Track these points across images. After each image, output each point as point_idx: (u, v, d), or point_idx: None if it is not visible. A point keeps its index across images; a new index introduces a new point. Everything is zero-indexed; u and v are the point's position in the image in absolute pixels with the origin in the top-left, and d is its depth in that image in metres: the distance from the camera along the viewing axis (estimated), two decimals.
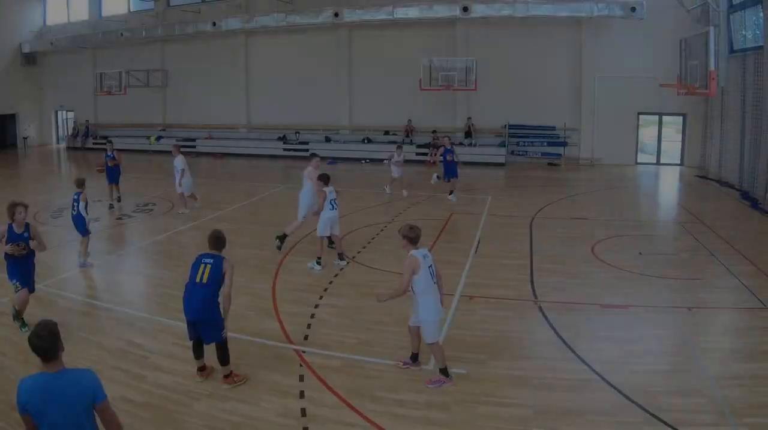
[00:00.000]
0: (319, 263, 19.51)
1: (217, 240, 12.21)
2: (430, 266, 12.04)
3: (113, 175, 29.68)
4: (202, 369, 12.19)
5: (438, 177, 31.10)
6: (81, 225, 19.87)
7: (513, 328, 14.86)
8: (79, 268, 19.81)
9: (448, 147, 30.52)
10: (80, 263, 19.92)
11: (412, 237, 11.96)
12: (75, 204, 19.88)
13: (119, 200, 28.39)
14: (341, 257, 20.18)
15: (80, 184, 20.13)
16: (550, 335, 14.35)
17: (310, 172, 21.47)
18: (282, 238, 21.22)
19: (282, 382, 12.06)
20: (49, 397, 6.70)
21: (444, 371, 12.10)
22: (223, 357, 11.84)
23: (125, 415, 10.34)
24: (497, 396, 11.55)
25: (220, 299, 11.78)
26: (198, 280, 11.70)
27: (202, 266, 11.79)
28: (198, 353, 12.17)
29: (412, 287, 11.91)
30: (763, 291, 17.09)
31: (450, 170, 30.47)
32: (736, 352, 13.51)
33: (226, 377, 11.90)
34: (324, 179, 19.67)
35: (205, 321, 11.74)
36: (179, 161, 26.80)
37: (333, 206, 19.59)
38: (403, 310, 15.11)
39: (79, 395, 6.84)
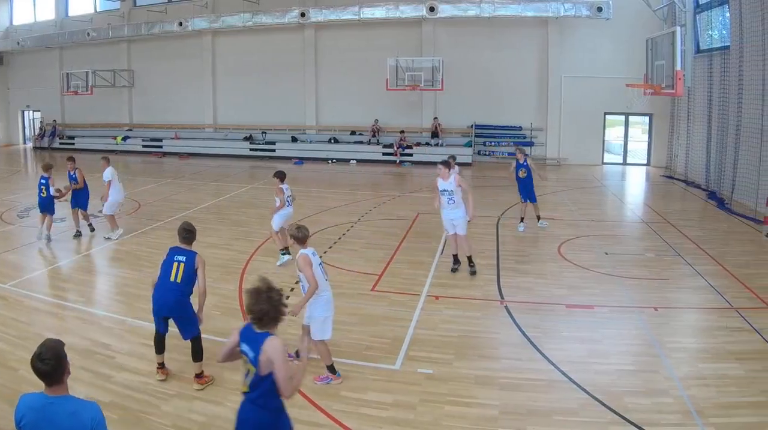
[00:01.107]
0: (287, 253, 19.78)
1: (188, 233, 12.10)
2: (320, 263, 12.35)
3: (80, 199, 24.28)
4: (161, 366, 12.15)
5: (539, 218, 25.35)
6: (51, 205, 21.84)
7: (479, 328, 14.81)
8: (46, 241, 22.05)
9: (521, 162, 24.67)
10: (47, 237, 22.13)
11: (300, 237, 12.27)
12: (45, 188, 21.41)
13: (92, 230, 24.63)
14: (287, 251, 20.30)
15: (47, 168, 21.73)
16: (517, 335, 14.30)
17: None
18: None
19: None
20: (43, 422, 6.34)
21: (331, 368, 12.25)
22: (198, 352, 11.81)
23: None
24: (463, 396, 11.51)
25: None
26: (172, 279, 11.70)
27: (176, 264, 11.75)
28: (160, 347, 12.13)
29: (302, 285, 12.16)
30: (729, 291, 17.14)
31: (525, 190, 24.90)
32: (703, 352, 13.49)
33: (197, 376, 11.84)
34: (280, 177, 20.22)
35: (180, 318, 11.87)
36: (108, 173, 23.72)
37: (289, 203, 20.33)
38: (370, 310, 15.15)
39: (76, 428, 6.36)
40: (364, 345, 13.71)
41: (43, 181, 21.36)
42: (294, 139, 50.11)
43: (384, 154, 46.65)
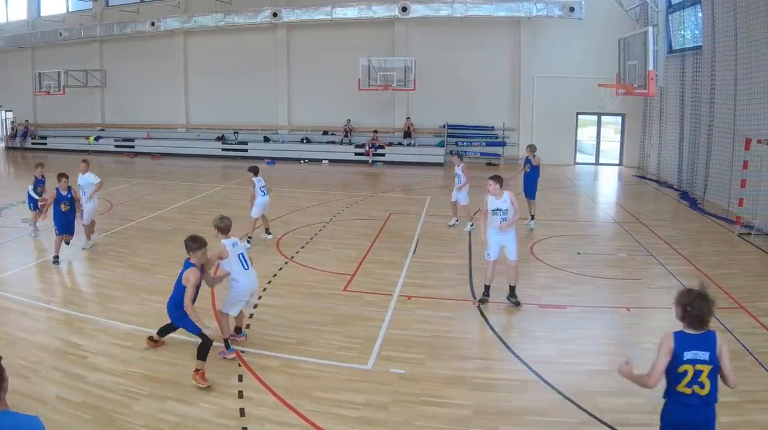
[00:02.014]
0: (249, 242, 21.05)
1: (188, 242, 12.28)
2: (241, 253, 13.21)
3: (66, 223, 20.39)
4: (152, 339, 13.00)
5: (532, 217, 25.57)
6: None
7: (451, 328, 14.78)
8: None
9: (528, 156, 25.31)
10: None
11: (222, 227, 13.37)
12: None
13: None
14: (268, 231, 22.50)
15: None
16: (489, 335, 14.31)
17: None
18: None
19: (220, 382, 11.93)
20: None
21: (227, 342, 13.05)
22: (201, 352, 11.87)
23: (63, 415, 10.53)
24: (435, 396, 11.47)
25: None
26: (175, 285, 12.29)
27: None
28: (164, 331, 13.01)
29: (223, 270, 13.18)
30: None
31: (527, 185, 25.52)
32: None
33: (196, 371, 11.86)
34: (253, 170, 22.05)
35: (178, 321, 12.39)
36: (91, 177, 22.31)
37: (264, 193, 21.82)
38: (342, 310, 15.13)
39: None
40: (336, 345, 13.66)
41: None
42: (266, 139, 50.04)
43: (356, 154, 46.71)
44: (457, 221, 24.64)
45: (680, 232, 24.58)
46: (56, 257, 19.94)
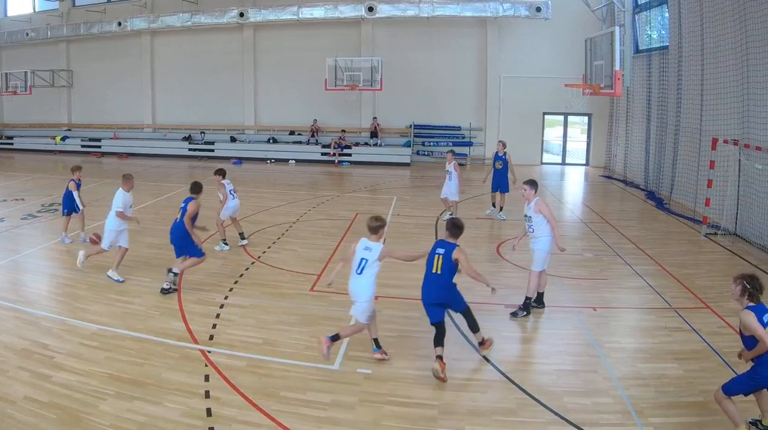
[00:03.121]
0: (225, 244, 21.24)
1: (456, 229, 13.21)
2: (363, 258, 12.93)
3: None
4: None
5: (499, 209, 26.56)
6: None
7: (418, 328, 14.74)
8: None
9: (500, 154, 26.13)
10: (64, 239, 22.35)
11: (373, 226, 12.94)
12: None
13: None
14: (243, 236, 21.98)
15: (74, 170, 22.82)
16: (456, 335, 14.27)
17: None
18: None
19: (187, 382, 11.92)
20: None
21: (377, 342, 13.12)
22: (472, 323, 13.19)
23: (30, 415, 10.57)
24: (402, 396, 11.55)
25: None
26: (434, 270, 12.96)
27: (436, 257, 12.99)
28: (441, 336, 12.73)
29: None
30: (668, 291, 17.32)
31: (498, 180, 26.15)
32: (642, 352, 13.59)
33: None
34: (221, 173, 21.50)
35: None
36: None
37: (234, 196, 21.40)
38: (309, 310, 15.14)
39: None
40: (303, 345, 13.70)
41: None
42: (233, 139, 49.85)
43: (323, 154, 46.62)
44: (452, 213, 24.43)
45: (647, 232, 24.70)
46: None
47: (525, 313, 15.52)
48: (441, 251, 12.59)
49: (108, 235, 18.30)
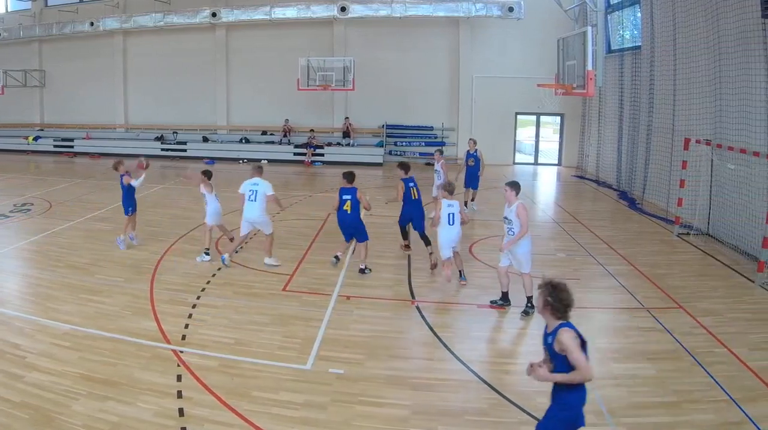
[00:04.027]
0: (207, 253, 20.38)
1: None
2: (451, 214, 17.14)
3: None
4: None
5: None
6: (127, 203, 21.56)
7: (390, 328, 14.86)
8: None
9: (471, 152, 27.36)
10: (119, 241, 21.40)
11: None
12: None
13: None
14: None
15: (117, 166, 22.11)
16: (428, 335, 14.38)
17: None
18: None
19: (160, 382, 11.96)
20: None
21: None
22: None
23: (2, 415, 10.64)
24: (374, 396, 11.66)
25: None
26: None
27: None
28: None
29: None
30: (640, 291, 17.41)
31: (470, 177, 27.36)
32: (615, 352, 13.60)
33: None
34: (208, 175, 21.04)
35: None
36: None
37: (216, 199, 20.90)
38: (281, 310, 15.24)
39: None
40: (275, 345, 13.77)
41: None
42: (205, 139, 49.68)
43: (295, 154, 46.54)
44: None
45: (619, 232, 24.78)
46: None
47: (532, 308, 15.46)
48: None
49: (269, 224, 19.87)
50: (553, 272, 18.96)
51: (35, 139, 53.13)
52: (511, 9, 39.43)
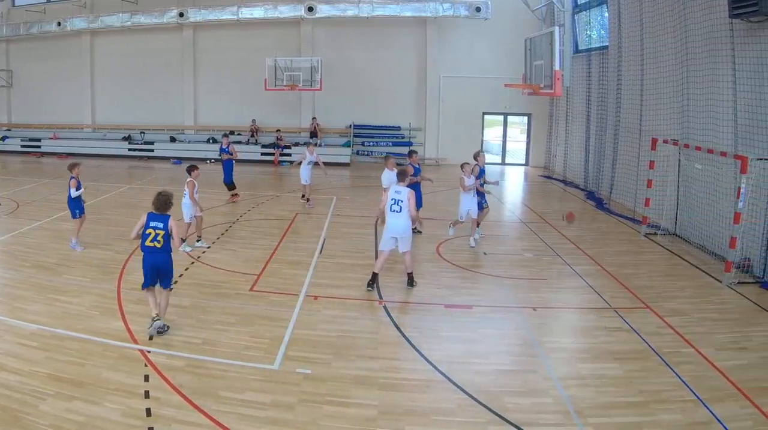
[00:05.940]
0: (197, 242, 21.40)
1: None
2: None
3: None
4: None
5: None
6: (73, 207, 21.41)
7: (358, 328, 14.80)
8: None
9: (482, 167, 23.38)
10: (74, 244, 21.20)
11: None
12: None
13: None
14: (200, 238, 21.86)
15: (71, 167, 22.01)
16: (395, 335, 14.34)
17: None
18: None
19: (127, 382, 11.81)
20: None
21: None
22: None
23: None
24: (342, 396, 11.60)
25: None
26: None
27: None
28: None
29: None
30: (607, 291, 17.45)
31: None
32: (582, 352, 13.65)
33: None
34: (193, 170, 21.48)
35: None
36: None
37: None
38: (248, 310, 15.14)
39: None
40: (242, 345, 13.67)
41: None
42: (172, 139, 49.43)
43: (262, 154, 46.42)
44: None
45: (586, 232, 24.79)
46: None
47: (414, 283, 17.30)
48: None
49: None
50: (521, 272, 19.13)
51: (2, 139, 52.75)
52: (478, 9, 39.55)
